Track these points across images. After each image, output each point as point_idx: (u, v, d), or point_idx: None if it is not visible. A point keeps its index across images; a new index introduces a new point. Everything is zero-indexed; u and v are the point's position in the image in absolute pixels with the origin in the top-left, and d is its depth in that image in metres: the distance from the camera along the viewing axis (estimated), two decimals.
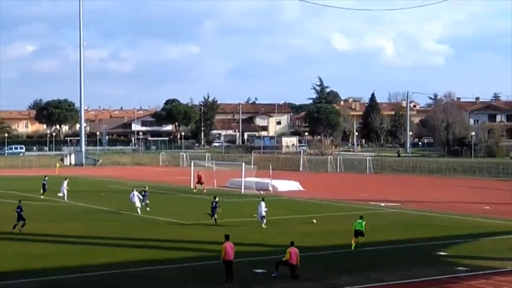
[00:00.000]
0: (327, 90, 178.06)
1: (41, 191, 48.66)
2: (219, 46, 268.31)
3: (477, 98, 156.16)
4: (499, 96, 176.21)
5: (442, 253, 27.06)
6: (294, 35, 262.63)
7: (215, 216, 34.85)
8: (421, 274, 22.70)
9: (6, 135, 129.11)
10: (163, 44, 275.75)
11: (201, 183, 54.74)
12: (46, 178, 49.76)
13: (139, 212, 38.70)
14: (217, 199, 35.70)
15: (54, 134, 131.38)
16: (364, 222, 28.07)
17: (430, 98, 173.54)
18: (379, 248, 28.33)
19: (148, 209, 40.22)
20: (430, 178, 74.49)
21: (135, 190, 40.51)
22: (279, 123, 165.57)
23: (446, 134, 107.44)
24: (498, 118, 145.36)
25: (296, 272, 21.95)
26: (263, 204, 34.51)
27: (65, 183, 47.35)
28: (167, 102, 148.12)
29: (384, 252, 27.65)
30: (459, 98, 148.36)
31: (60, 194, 46.99)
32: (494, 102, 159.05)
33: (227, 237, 22.24)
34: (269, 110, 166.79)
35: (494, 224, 35.60)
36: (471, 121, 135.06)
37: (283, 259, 22.17)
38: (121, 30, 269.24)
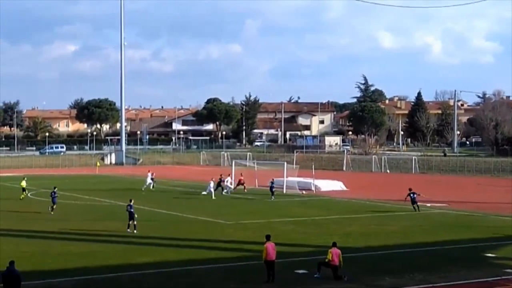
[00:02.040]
0: (372, 88, 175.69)
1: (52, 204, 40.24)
2: (262, 46, 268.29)
3: None
4: None
5: (489, 254, 26.46)
6: (339, 33, 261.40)
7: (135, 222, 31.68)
8: (468, 276, 22.24)
9: (47, 134, 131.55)
10: (204, 43, 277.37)
11: (242, 184, 54.42)
12: (56, 189, 40.95)
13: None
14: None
15: (94, 133, 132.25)
16: None
17: (478, 96, 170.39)
18: (424, 249, 27.74)
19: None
20: (478, 178, 72.82)
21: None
22: (322, 122, 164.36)
23: (495, 133, 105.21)
24: None
25: (338, 273, 21.40)
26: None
27: (149, 174, 54.38)
28: (208, 101, 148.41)
29: (430, 253, 27.02)
30: (509, 97, 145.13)
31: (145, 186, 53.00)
32: None
33: (268, 237, 21.88)
34: (312, 109, 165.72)
35: None
36: None
37: (325, 260, 21.61)
38: (163, 30, 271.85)
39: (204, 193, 50.11)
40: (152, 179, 56.22)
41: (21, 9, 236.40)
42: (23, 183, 48.11)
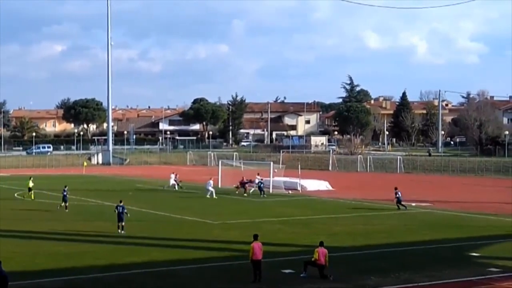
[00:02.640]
0: (357, 88, 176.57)
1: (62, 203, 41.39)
2: (249, 46, 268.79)
3: (511, 97, 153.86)
4: None
5: (474, 254, 26.72)
6: (325, 34, 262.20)
7: (124, 223, 31.73)
8: (452, 275, 22.44)
9: (34, 134, 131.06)
10: (192, 43, 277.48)
11: (242, 186, 53.68)
12: (66, 188, 41.91)
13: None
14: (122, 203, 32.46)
15: (81, 133, 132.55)
16: None
17: (463, 96, 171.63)
18: (409, 249, 28.03)
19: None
20: (462, 178, 73.52)
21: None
22: (308, 122, 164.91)
23: (479, 133, 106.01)
24: None
25: (324, 272, 21.68)
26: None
27: (173, 176, 55.49)
28: (195, 101, 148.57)
29: (414, 252, 27.32)
30: (493, 97, 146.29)
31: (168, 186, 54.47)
32: None
33: (255, 237, 22.09)
34: (298, 109, 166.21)
35: None
36: (505, 120, 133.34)
37: (312, 259, 21.89)
38: (151, 30, 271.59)
39: (208, 196, 49.10)
40: (175, 180, 56.82)
41: (9, 9, 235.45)
42: (30, 183, 47.97)
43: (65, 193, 40.66)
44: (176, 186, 56.24)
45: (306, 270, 21.98)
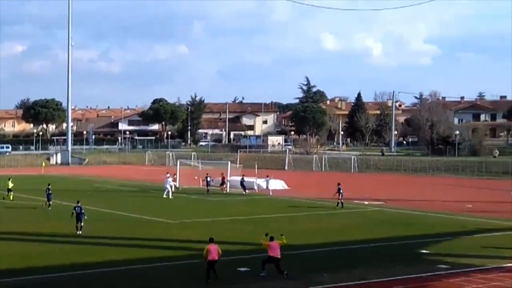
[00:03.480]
0: (314, 89, 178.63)
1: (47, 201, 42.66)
2: (208, 47, 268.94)
3: (462, 98, 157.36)
4: (484, 96, 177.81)
5: (424, 251, 27.32)
6: (283, 36, 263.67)
7: (82, 223, 31.62)
8: (403, 272, 22.86)
9: None
10: (152, 44, 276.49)
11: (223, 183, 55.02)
12: (50, 186, 43.59)
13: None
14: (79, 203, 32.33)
15: (41, 133, 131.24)
16: None
17: (416, 97, 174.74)
18: (361, 246, 28.64)
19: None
20: (414, 177, 75.05)
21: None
22: (265, 122, 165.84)
23: (431, 133, 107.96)
24: (482, 117, 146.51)
25: (280, 266, 21.99)
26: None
27: (170, 179, 50.43)
28: (154, 101, 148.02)
29: (366, 250, 27.94)
30: (444, 98, 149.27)
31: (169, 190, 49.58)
32: (478, 102, 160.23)
33: (211, 240, 22.28)
34: (256, 109, 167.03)
35: (476, 222, 35.96)
36: (456, 120, 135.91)
37: (261, 247, 22.24)
38: (111, 30, 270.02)
39: (164, 195, 49.27)
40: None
41: None
42: (10, 184, 47.54)
43: (49, 192, 41.60)
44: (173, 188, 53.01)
45: (264, 268, 22.32)
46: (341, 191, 42.95)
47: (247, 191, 54.05)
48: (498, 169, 74.48)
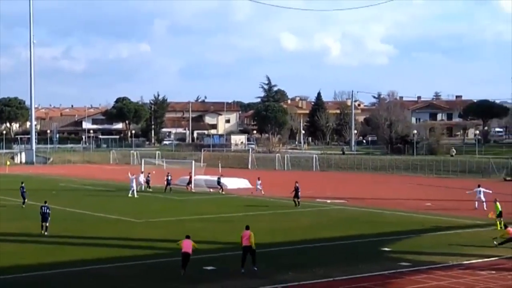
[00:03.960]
0: (275, 89, 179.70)
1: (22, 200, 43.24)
2: (170, 46, 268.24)
3: (419, 97, 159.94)
4: (440, 95, 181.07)
5: (386, 248, 27.82)
6: (244, 35, 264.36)
7: (48, 224, 31.45)
8: (366, 270, 23.21)
9: None
10: (115, 43, 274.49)
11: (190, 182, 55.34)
12: (23, 184, 44.49)
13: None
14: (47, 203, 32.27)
15: (4, 132, 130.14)
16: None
17: (374, 97, 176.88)
18: (325, 245, 29.08)
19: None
20: (374, 176, 76.01)
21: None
22: (228, 121, 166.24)
23: (389, 132, 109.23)
24: (439, 116, 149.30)
25: (255, 256, 22.77)
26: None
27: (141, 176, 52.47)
28: (118, 100, 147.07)
29: (330, 248, 28.40)
30: (402, 97, 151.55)
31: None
32: (435, 101, 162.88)
33: (187, 237, 22.98)
34: (218, 108, 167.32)
35: (436, 220, 36.62)
36: (413, 120, 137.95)
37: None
38: (74, 28, 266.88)
39: (130, 195, 49.29)
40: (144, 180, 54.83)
41: None
42: None
43: (23, 190, 42.23)
44: (142, 188, 53.81)
45: (243, 265, 22.73)
46: (299, 190, 43.13)
47: (211, 190, 54.38)
48: (455, 168, 75.96)
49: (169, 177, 53.86)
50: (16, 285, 21.68)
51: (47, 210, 31.58)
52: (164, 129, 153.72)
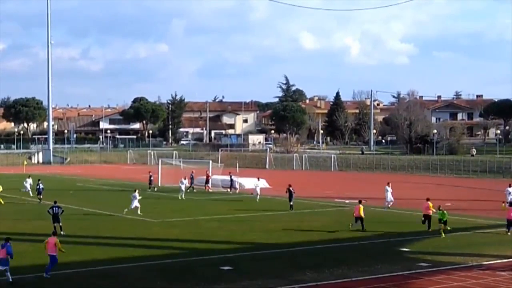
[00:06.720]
0: (293, 88, 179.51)
1: (37, 195, 44.89)
2: (188, 45, 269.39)
3: (439, 97, 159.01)
4: (460, 95, 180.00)
5: (405, 249, 27.60)
6: (262, 34, 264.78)
7: (61, 223, 31.32)
8: (385, 270, 23.06)
9: None
10: (132, 43, 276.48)
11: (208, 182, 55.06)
12: (40, 181, 45.81)
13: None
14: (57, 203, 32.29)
15: (22, 132, 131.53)
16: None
17: (394, 96, 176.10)
18: (344, 245, 28.88)
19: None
20: (393, 176, 75.23)
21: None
22: (245, 121, 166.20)
23: (409, 132, 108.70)
24: (459, 116, 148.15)
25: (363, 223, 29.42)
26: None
27: (29, 180, 50.09)
28: (135, 100, 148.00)
29: (348, 248, 28.19)
30: (422, 97, 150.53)
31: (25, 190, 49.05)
32: (455, 101, 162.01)
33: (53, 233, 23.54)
34: (236, 108, 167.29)
35: (455, 221, 36.07)
36: (433, 119, 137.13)
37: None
38: (92, 29, 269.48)
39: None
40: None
41: None
42: None
43: (40, 187, 43.38)
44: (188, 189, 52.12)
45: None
46: (292, 192, 42.00)
47: (228, 190, 54.19)
48: (476, 168, 75.26)
49: (193, 176, 53.83)
50: (33, 285, 21.65)
51: (59, 210, 31.29)
52: (181, 129, 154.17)
